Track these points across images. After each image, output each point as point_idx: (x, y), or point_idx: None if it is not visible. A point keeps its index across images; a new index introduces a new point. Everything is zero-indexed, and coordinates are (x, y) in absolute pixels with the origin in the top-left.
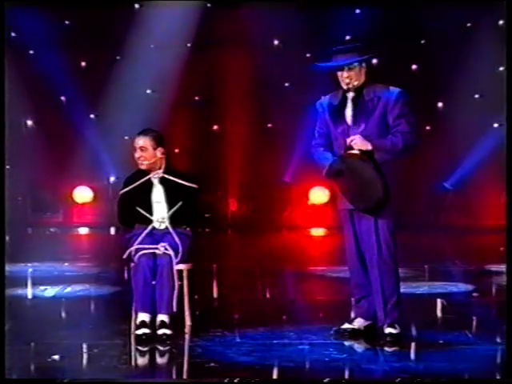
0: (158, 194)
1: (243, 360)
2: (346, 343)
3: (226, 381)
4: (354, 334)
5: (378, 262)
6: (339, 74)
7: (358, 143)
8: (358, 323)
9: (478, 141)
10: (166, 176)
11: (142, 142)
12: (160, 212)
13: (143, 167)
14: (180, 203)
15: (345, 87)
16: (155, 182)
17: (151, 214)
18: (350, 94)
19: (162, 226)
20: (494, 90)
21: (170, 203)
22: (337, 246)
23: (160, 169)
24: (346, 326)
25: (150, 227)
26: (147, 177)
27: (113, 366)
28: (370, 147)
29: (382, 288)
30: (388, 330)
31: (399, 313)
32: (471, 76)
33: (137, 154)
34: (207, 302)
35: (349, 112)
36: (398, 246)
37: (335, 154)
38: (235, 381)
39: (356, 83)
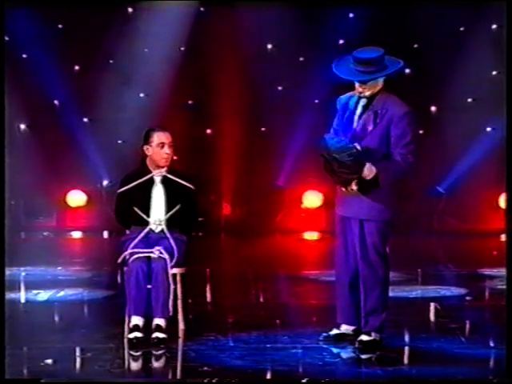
0: (158, 194)
1: (236, 364)
2: (338, 347)
3: (205, 381)
4: (342, 339)
5: (364, 270)
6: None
7: (366, 174)
8: (344, 328)
9: (471, 145)
10: (169, 176)
11: (170, 137)
12: (158, 213)
13: (166, 164)
14: (179, 206)
15: (356, 95)
16: (157, 180)
17: (148, 214)
18: (363, 101)
19: (159, 229)
20: (487, 94)
21: (169, 204)
22: (330, 249)
23: (163, 168)
24: (335, 331)
25: (146, 230)
26: (150, 175)
27: (106, 369)
28: (374, 172)
29: (365, 296)
30: (360, 337)
31: (382, 321)
32: (464, 80)
33: (167, 150)
34: (200, 306)
35: (357, 118)
36: (389, 253)
37: None
38: (213, 381)
39: (368, 93)
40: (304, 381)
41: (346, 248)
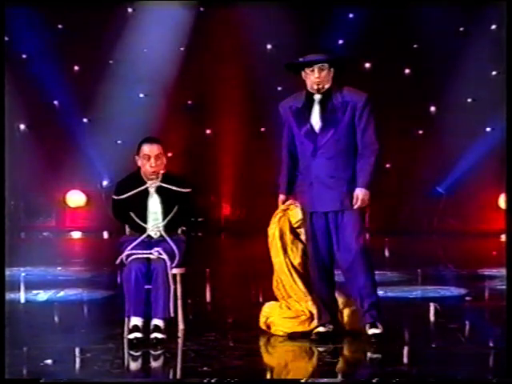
0: (154, 204)
1: (236, 364)
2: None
3: (205, 381)
4: (326, 337)
5: (355, 261)
6: (309, 75)
7: (365, 200)
8: (328, 327)
9: (470, 145)
10: (163, 185)
11: (157, 149)
12: (155, 221)
13: (153, 176)
14: (175, 210)
15: (315, 89)
16: (152, 191)
17: (146, 222)
18: (317, 97)
19: (157, 235)
20: (487, 94)
21: (166, 211)
22: None
23: (157, 177)
24: (321, 329)
25: (144, 236)
26: (144, 186)
27: (106, 370)
28: (368, 193)
29: (364, 286)
30: (372, 331)
31: (378, 311)
32: (464, 80)
33: (152, 164)
34: (200, 306)
35: (316, 116)
36: (388, 251)
37: (301, 158)
38: (212, 381)
39: (326, 86)
40: (303, 381)
41: (318, 246)
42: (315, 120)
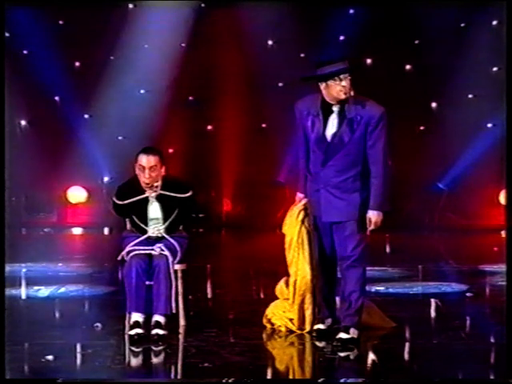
0: (154, 211)
1: (237, 360)
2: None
3: (222, 381)
4: (326, 334)
5: (350, 267)
6: (333, 86)
7: (378, 222)
8: (328, 322)
9: (471, 141)
10: (163, 192)
11: (153, 161)
12: (156, 225)
13: (148, 186)
14: (176, 212)
15: (343, 97)
16: (152, 199)
17: (147, 225)
18: (336, 108)
19: (159, 236)
20: (488, 90)
21: (167, 217)
22: None
23: (157, 187)
24: (321, 326)
25: (145, 236)
26: (144, 195)
27: (107, 366)
28: (381, 214)
29: (354, 291)
30: (341, 335)
31: (359, 317)
32: (465, 76)
33: (146, 175)
34: (201, 302)
35: (330, 128)
36: (389, 249)
37: (313, 163)
38: (223, 381)
39: (352, 93)
40: (320, 380)
41: (323, 244)
42: (329, 132)
